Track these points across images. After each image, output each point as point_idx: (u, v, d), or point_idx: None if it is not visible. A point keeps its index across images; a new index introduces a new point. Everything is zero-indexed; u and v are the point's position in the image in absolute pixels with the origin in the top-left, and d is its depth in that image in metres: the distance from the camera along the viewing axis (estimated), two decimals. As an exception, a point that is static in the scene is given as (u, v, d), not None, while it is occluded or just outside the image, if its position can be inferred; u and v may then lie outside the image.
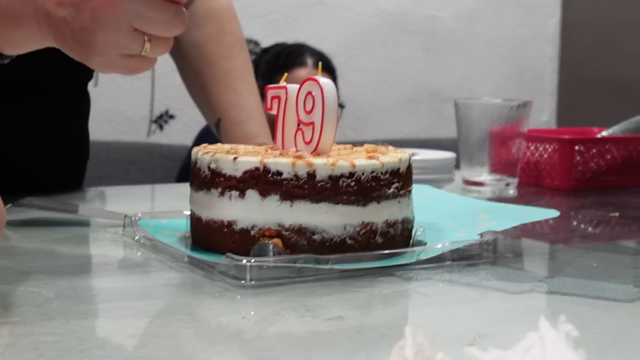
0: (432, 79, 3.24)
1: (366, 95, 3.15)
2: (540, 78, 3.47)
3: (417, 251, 0.74)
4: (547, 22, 3.45)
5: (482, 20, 3.32)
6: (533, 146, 1.33)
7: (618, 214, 1.10)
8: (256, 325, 0.57)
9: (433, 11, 3.22)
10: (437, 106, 3.23)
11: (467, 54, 3.31)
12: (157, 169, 2.45)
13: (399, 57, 3.19)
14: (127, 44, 0.72)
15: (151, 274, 0.70)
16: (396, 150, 0.80)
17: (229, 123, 1.19)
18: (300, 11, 3.03)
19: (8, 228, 0.87)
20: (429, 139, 2.85)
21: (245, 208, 0.71)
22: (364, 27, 3.12)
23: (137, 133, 2.81)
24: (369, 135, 3.03)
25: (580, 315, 0.60)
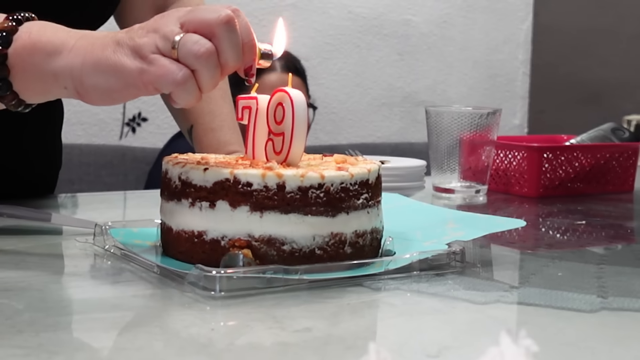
0: (405, 82, 3.26)
1: (339, 99, 3.16)
2: (512, 82, 3.50)
3: (386, 261, 0.75)
4: (519, 27, 3.48)
5: (455, 25, 3.34)
6: (502, 153, 1.35)
7: (585, 222, 1.12)
8: (225, 336, 0.58)
9: (406, 15, 3.24)
10: (410, 110, 3.25)
11: (440, 58, 3.33)
12: (129, 172, 2.45)
13: (372, 61, 3.20)
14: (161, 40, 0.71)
15: (121, 284, 0.71)
16: (366, 160, 0.81)
17: (201, 130, 1.19)
18: (274, 14, 3.03)
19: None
20: (401, 143, 2.87)
21: (215, 219, 0.72)
22: (337, 30, 3.13)
23: (109, 136, 2.80)
24: (342, 138, 3.04)
25: (543, 326, 0.61)
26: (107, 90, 0.73)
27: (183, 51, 0.70)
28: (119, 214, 1.15)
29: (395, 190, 1.04)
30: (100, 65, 0.72)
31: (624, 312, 0.65)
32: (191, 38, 0.71)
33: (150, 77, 0.71)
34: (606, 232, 1.07)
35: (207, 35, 0.71)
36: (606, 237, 1.04)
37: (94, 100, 0.75)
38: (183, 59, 0.70)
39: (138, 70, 0.71)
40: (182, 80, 0.70)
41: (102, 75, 0.72)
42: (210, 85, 0.72)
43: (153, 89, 0.72)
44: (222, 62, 0.72)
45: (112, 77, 0.72)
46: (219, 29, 0.71)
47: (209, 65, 0.71)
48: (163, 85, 0.71)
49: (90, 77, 0.73)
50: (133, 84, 0.72)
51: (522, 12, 3.48)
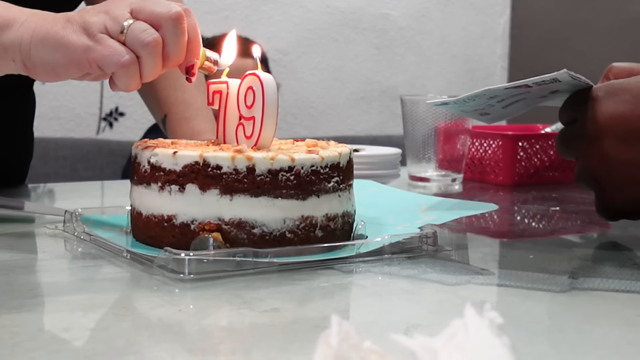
0: (383, 77, 3.26)
1: (318, 93, 3.15)
2: (490, 76, 3.51)
3: (357, 244, 0.74)
4: (496, 21, 3.49)
5: (433, 19, 3.35)
6: (478, 142, 1.35)
7: (559, 208, 1.12)
8: (192, 317, 0.57)
9: (384, 9, 3.24)
10: (388, 104, 3.25)
11: (418, 52, 3.33)
12: (105, 166, 2.43)
13: (351, 55, 3.20)
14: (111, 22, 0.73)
15: (89, 268, 0.70)
16: (337, 145, 0.80)
17: (175, 119, 1.19)
18: (252, 8, 3.02)
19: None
20: (380, 136, 2.87)
21: (185, 202, 0.71)
22: (315, 24, 3.12)
23: (86, 130, 2.79)
24: (320, 132, 3.03)
25: (512, 305, 0.61)
26: (52, 65, 0.74)
27: (131, 36, 0.72)
28: (96, 203, 1.14)
29: (370, 178, 1.03)
30: (48, 40, 0.74)
31: (594, 291, 0.65)
32: (140, 26, 0.73)
33: (96, 55, 0.72)
34: (580, 218, 1.07)
35: (155, 26, 0.73)
36: (580, 223, 1.04)
37: (39, 74, 0.76)
38: (130, 44, 0.72)
39: (84, 47, 0.72)
40: (127, 63, 0.72)
41: (49, 50, 0.74)
42: (151, 74, 0.74)
43: (97, 67, 0.73)
44: (164, 55, 0.74)
45: (58, 51, 0.73)
46: (167, 23, 0.74)
47: (153, 54, 0.73)
48: (107, 64, 0.72)
49: (37, 50, 0.74)
50: (78, 60, 0.73)
51: (499, 6, 3.49)
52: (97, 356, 0.48)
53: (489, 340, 0.41)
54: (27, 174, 1.25)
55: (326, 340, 0.40)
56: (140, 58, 0.73)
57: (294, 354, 0.50)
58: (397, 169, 1.36)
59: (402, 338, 0.42)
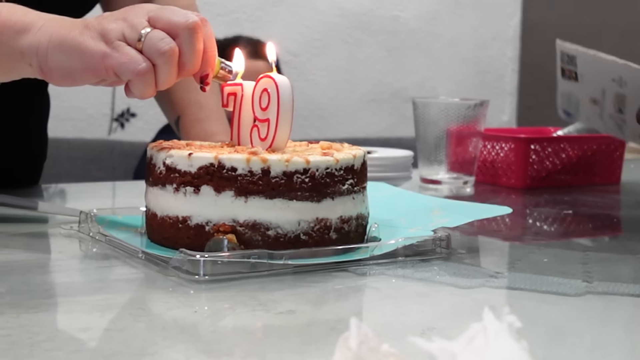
0: (394, 78, 3.26)
1: (328, 95, 3.15)
2: (500, 78, 3.50)
3: (371, 247, 0.74)
4: (507, 23, 3.49)
5: (443, 21, 3.34)
6: (490, 145, 1.35)
7: (571, 211, 1.12)
8: (208, 319, 0.57)
9: (395, 11, 3.24)
10: (398, 106, 3.25)
11: (429, 54, 3.33)
12: (117, 166, 2.44)
13: (361, 57, 3.20)
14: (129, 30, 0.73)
15: (105, 269, 0.70)
16: (351, 147, 0.80)
17: (188, 121, 1.19)
18: (263, 10, 3.03)
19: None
20: (390, 138, 2.86)
21: (199, 204, 0.71)
22: (326, 26, 3.12)
23: (98, 131, 2.79)
24: (331, 134, 3.03)
25: (527, 309, 0.61)
26: (69, 70, 0.75)
27: (148, 45, 0.72)
28: (108, 204, 1.14)
29: (381, 181, 1.03)
30: (65, 45, 0.74)
31: (609, 295, 0.65)
32: (157, 34, 0.73)
33: (113, 62, 0.72)
34: (593, 222, 1.07)
35: (172, 35, 0.74)
36: (593, 227, 1.04)
37: (56, 79, 0.77)
38: (147, 52, 0.72)
39: (101, 53, 0.72)
40: (143, 71, 0.72)
41: (66, 55, 0.74)
42: (167, 82, 0.74)
43: (113, 74, 0.73)
44: (180, 64, 0.74)
45: (76, 57, 0.73)
46: (184, 32, 0.74)
47: (169, 63, 0.73)
48: (124, 72, 0.72)
49: (54, 55, 0.74)
50: (94, 66, 0.73)
51: (510, 8, 3.48)
52: (114, 357, 0.48)
53: (508, 344, 0.41)
54: (40, 175, 1.25)
55: (345, 343, 0.40)
56: (157, 66, 0.73)
57: (310, 356, 0.50)
58: (409, 171, 1.36)
59: (419, 341, 0.42)
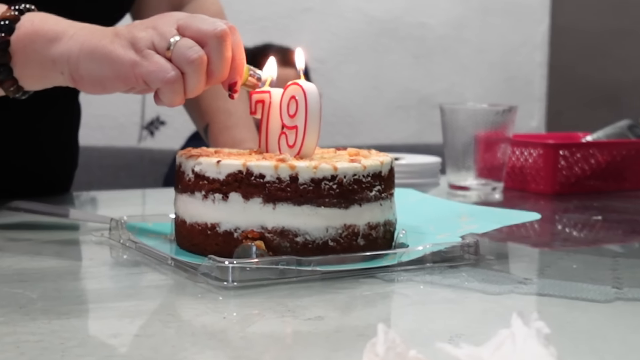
0: (421, 85, 3.25)
1: (355, 102, 3.15)
2: (529, 84, 3.48)
3: (399, 253, 0.74)
4: (536, 29, 3.47)
5: (471, 27, 3.33)
6: (518, 151, 1.34)
7: (601, 217, 1.11)
8: (237, 325, 0.58)
9: (422, 18, 3.24)
10: (426, 112, 3.24)
11: (456, 60, 3.32)
12: (147, 174, 2.45)
13: (388, 64, 3.20)
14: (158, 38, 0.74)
15: (135, 275, 0.71)
16: (379, 154, 0.80)
17: (217, 128, 1.20)
18: (290, 18, 3.04)
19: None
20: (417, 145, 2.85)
21: (228, 210, 0.72)
22: (353, 33, 3.13)
23: (128, 139, 2.81)
24: (358, 140, 3.03)
25: (557, 315, 0.61)
26: (99, 78, 0.76)
27: (177, 53, 0.73)
28: (138, 211, 1.15)
29: (409, 187, 1.03)
30: (96, 53, 0.75)
31: (639, 302, 0.65)
32: (186, 43, 0.73)
33: (143, 71, 0.73)
34: (622, 228, 1.06)
35: (201, 43, 0.74)
36: (622, 233, 1.03)
37: (87, 87, 0.77)
38: (176, 60, 0.73)
39: (131, 62, 0.73)
40: (172, 79, 0.73)
41: (97, 63, 0.75)
42: (196, 90, 0.75)
43: (142, 82, 0.74)
44: (208, 72, 0.75)
45: (106, 65, 0.74)
46: (212, 40, 0.74)
47: (198, 71, 0.74)
48: (153, 80, 0.73)
49: (85, 63, 0.75)
50: (125, 74, 0.74)
51: (538, 13, 3.46)
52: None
53: (537, 351, 0.41)
54: (72, 182, 1.27)
55: (372, 349, 0.40)
56: (185, 75, 0.73)
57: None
58: (437, 177, 1.35)
59: (447, 347, 0.42)
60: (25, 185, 1.14)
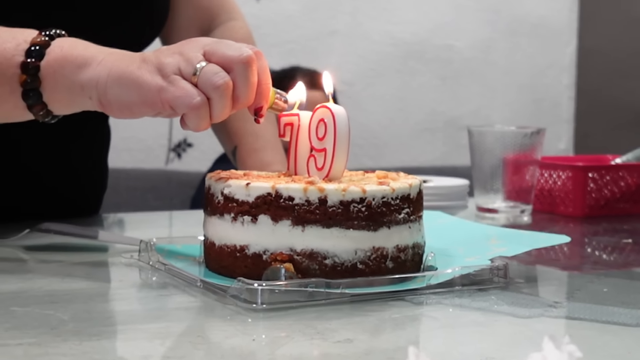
0: (448, 107, 3.25)
1: (382, 124, 3.16)
2: (557, 106, 3.47)
3: (428, 276, 0.74)
4: (563, 51, 3.46)
5: (498, 49, 3.33)
6: (547, 173, 1.34)
7: (631, 240, 1.10)
8: (266, 347, 0.58)
9: (449, 40, 3.24)
10: (453, 134, 3.24)
11: (484, 82, 3.31)
12: (174, 196, 2.47)
13: (415, 86, 3.20)
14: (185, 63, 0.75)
15: (164, 297, 0.71)
16: (407, 176, 0.80)
17: (245, 151, 1.20)
18: (317, 40, 3.05)
19: (26, 252, 0.89)
20: (444, 167, 2.85)
21: (257, 233, 0.72)
22: (380, 56, 3.13)
23: (155, 161, 2.83)
24: (385, 162, 3.03)
25: (588, 339, 0.60)
26: (127, 103, 0.77)
27: (203, 79, 0.74)
28: (165, 233, 1.16)
29: (437, 209, 1.03)
30: (124, 79, 0.76)
31: (672, 326, 0.64)
32: (212, 68, 0.74)
33: (169, 96, 0.74)
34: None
35: (226, 69, 0.75)
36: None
37: (115, 111, 0.79)
38: (202, 86, 0.74)
39: (158, 87, 0.74)
40: (198, 105, 0.73)
41: (125, 88, 0.76)
42: (221, 116, 0.75)
43: (169, 107, 0.75)
44: (234, 97, 0.75)
45: (133, 91, 0.75)
46: (238, 66, 0.75)
47: (223, 97, 0.74)
48: (179, 105, 0.74)
49: (113, 89, 0.76)
50: (151, 99, 0.75)
51: (566, 35, 3.45)
52: (175, 384, 0.49)
53: (568, 375, 0.41)
54: (101, 204, 1.28)
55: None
56: (211, 100, 0.74)
57: (368, 385, 0.50)
58: (465, 200, 1.35)
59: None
60: (56, 206, 1.15)
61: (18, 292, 0.74)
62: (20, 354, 0.54)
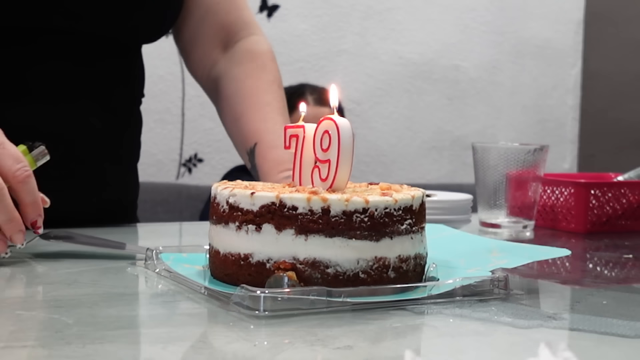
0: (454, 126, 3.25)
1: (390, 142, 3.16)
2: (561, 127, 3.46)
3: (429, 286, 0.74)
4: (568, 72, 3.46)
5: (504, 70, 3.33)
6: (549, 190, 1.33)
7: (632, 256, 1.09)
8: (267, 352, 0.57)
9: (456, 61, 3.24)
10: (459, 153, 3.24)
11: (489, 102, 3.32)
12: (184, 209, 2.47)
13: (422, 105, 3.21)
14: None
15: (169, 304, 0.71)
16: (410, 188, 0.80)
17: (265, 147, 1.19)
18: (327, 59, 3.06)
19: (34, 259, 0.89)
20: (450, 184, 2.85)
21: (261, 241, 0.71)
22: (388, 75, 3.14)
23: (166, 176, 2.84)
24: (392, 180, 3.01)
25: (586, 349, 0.59)
26: None
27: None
28: (174, 242, 1.15)
29: (441, 223, 1.02)
30: None
31: (670, 338, 0.63)
32: None
33: None
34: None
35: None
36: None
37: None
38: None
39: None
40: None
41: None
42: None
43: None
44: None
45: None
46: None
47: None
48: None
49: None
50: None
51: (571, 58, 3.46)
52: (175, 386, 0.49)
53: (564, 380, 0.40)
54: (135, 210, 1.31)
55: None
56: None
57: (366, 390, 0.49)
58: (468, 214, 1.34)
59: (475, 376, 0.41)
60: (91, 213, 1.17)
61: (24, 297, 0.74)
62: (24, 356, 0.54)
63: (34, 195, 0.87)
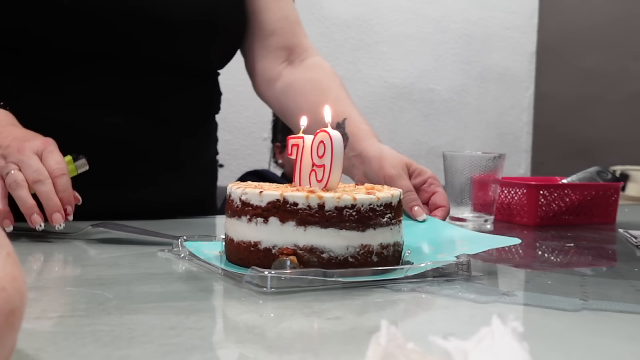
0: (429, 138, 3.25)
1: (376, 151, 3.15)
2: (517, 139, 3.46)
3: (405, 269, 0.74)
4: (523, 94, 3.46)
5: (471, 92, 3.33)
6: (506, 190, 1.33)
7: (573, 244, 1.09)
8: (271, 322, 0.57)
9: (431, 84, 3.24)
10: (433, 160, 3.24)
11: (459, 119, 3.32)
12: (206, 207, 2.46)
13: (403, 121, 3.20)
14: None
15: (191, 282, 0.71)
16: (390, 188, 0.80)
17: (356, 122, 1.15)
18: (325, 83, 3.05)
19: (87, 243, 0.89)
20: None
21: (268, 231, 0.72)
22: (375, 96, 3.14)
23: (193, 178, 2.83)
24: (378, 182, 3.03)
25: (533, 320, 0.60)
26: None
27: None
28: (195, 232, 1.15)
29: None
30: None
31: (602, 312, 0.63)
32: None
33: None
34: (591, 253, 1.04)
35: None
36: (592, 258, 1.01)
37: None
38: None
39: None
40: None
41: None
42: None
43: None
44: None
45: None
46: None
47: None
48: None
49: None
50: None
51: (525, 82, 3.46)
52: (195, 349, 0.49)
53: (512, 345, 0.40)
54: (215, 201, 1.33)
55: (377, 341, 0.40)
56: None
57: (352, 353, 0.50)
58: (440, 211, 1.34)
59: (438, 341, 0.41)
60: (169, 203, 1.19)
61: (74, 276, 0.74)
62: (71, 324, 0.54)
63: (66, 189, 0.89)
